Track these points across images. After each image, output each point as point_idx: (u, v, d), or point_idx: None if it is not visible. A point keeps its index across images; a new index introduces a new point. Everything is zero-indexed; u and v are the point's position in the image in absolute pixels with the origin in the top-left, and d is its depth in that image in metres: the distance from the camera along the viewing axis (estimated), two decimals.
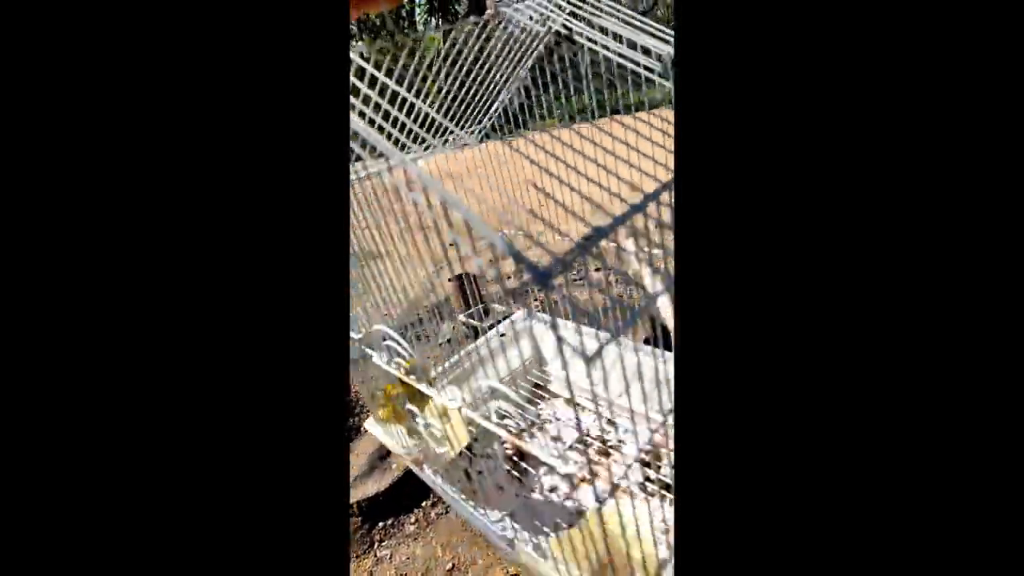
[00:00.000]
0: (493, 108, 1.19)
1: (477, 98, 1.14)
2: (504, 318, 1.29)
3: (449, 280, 1.98)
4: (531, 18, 0.90)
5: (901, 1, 0.29)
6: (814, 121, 0.31)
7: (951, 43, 0.29)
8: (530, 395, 1.14)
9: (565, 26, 0.83)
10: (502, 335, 1.08)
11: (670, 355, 0.73)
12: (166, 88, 0.32)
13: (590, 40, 0.80)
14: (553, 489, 0.85)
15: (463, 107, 1.13)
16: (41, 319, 0.31)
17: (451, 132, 0.98)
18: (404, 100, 0.72)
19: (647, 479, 0.88)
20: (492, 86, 1.13)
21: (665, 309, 0.67)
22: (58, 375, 0.31)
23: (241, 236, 0.33)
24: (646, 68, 0.77)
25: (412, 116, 0.77)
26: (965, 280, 0.29)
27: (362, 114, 0.67)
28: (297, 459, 0.34)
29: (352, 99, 0.67)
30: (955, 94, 0.29)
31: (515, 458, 1.02)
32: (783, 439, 0.31)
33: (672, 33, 0.73)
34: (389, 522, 1.58)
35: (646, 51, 0.75)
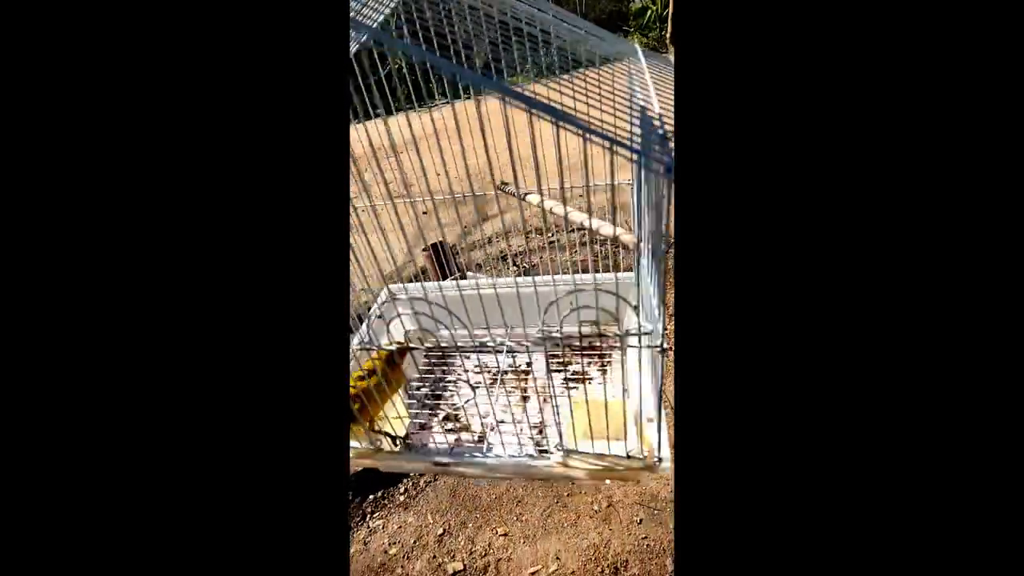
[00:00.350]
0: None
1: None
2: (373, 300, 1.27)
3: (424, 251, 1.95)
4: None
5: None
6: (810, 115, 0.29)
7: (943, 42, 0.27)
8: (431, 362, 1.15)
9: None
10: (379, 316, 1.07)
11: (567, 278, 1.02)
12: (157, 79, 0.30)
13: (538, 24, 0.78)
14: (503, 422, 0.89)
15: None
16: (41, 318, 0.30)
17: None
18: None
19: (566, 379, 1.02)
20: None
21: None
22: (60, 373, 0.30)
23: (245, 221, 0.32)
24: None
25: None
26: (960, 270, 0.28)
27: None
28: (299, 443, 0.33)
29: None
30: (949, 92, 0.28)
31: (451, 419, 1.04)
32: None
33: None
34: (379, 494, 1.60)
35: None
